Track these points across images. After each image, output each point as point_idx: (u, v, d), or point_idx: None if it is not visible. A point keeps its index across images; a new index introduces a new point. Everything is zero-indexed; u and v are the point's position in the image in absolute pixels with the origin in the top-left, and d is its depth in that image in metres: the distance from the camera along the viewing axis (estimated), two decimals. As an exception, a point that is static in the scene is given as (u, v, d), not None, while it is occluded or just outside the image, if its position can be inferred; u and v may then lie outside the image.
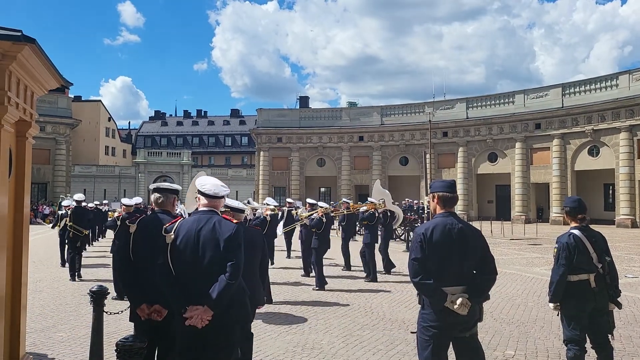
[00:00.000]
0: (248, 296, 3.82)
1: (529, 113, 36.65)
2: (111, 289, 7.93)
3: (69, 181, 44.92)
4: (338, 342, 6.55)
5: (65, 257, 13.42)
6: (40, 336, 6.79)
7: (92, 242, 20.26)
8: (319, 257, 10.58)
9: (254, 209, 11.01)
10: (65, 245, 13.30)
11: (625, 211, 31.41)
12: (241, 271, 3.49)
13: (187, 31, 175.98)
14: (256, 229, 6.18)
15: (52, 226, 16.52)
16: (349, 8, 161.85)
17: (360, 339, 6.70)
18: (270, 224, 10.73)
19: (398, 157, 43.34)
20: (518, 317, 7.97)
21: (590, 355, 4.72)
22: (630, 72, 32.21)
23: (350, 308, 8.67)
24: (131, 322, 4.15)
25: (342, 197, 26.80)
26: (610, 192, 34.63)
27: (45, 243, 19.91)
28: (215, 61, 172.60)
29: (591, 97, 33.70)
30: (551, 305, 4.76)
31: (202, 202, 3.72)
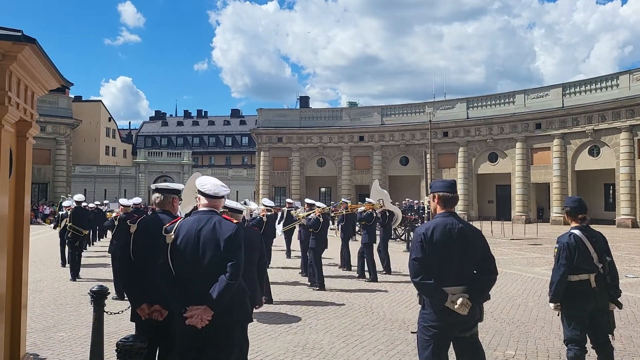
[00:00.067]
0: (248, 296, 3.82)
1: (530, 113, 36.65)
2: (111, 289, 7.92)
3: (70, 181, 44.97)
4: (338, 342, 6.55)
5: (65, 257, 13.45)
6: (40, 336, 6.80)
7: (93, 242, 20.30)
8: (318, 257, 10.58)
9: (251, 210, 11.01)
10: (65, 245, 13.33)
11: (625, 211, 31.41)
12: (241, 271, 3.49)
13: (188, 31, 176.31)
14: (254, 230, 6.19)
15: (54, 227, 16.56)
16: (349, 8, 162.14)
17: (360, 339, 6.70)
18: (266, 225, 10.74)
19: (398, 157, 43.34)
20: (518, 317, 7.97)
21: (590, 355, 4.72)
22: (630, 72, 32.20)
23: (350, 308, 8.67)
24: (132, 322, 4.15)
25: (342, 197, 26.80)
26: (610, 192, 34.63)
27: (45, 243, 19.93)
28: (215, 61, 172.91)
29: (591, 97, 33.70)
30: (551, 305, 4.75)
31: (202, 202, 3.72)
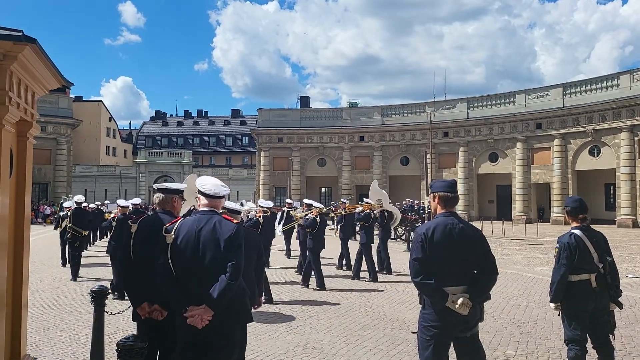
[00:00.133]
0: (248, 296, 3.82)
1: (530, 113, 36.65)
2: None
3: (70, 181, 44.98)
4: (339, 342, 6.55)
5: (66, 257, 13.49)
6: (41, 336, 6.80)
7: (93, 243, 20.32)
8: (316, 257, 10.58)
9: (248, 211, 11.04)
10: (66, 245, 13.37)
11: (626, 211, 31.41)
12: (242, 271, 3.50)
13: (188, 31, 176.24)
14: (252, 230, 6.20)
15: (55, 227, 16.62)
16: (350, 8, 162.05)
17: (361, 339, 6.70)
18: (263, 226, 10.76)
19: (399, 157, 43.34)
20: (519, 317, 7.97)
21: (591, 355, 4.72)
22: (631, 72, 32.20)
23: (350, 308, 8.67)
24: (133, 322, 4.15)
25: (342, 198, 26.80)
26: (611, 192, 34.63)
27: (46, 243, 19.94)
28: (216, 61, 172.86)
29: (592, 97, 33.70)
30: (552, 305, 4.76)
31: (203, 202, 3.72)
